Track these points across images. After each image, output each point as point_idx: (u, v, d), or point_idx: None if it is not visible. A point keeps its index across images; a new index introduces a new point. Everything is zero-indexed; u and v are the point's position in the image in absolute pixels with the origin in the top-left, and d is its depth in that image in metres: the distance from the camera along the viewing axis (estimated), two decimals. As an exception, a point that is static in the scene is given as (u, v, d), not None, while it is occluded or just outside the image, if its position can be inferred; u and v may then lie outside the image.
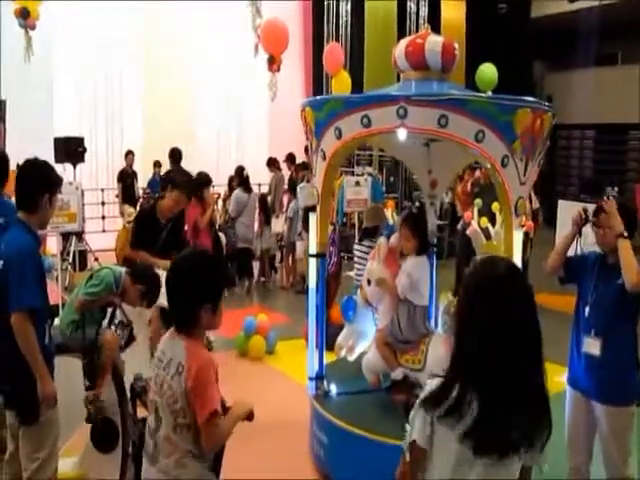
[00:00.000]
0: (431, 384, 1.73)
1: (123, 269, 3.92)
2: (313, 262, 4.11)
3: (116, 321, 3.90)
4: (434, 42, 3.81)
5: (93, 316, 3.79)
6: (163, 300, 4.37)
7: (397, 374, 3.86)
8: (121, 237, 5.70)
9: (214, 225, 6.80)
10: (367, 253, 5.10)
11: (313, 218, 4.10)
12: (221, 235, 7.57)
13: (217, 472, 2.26)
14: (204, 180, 6.13)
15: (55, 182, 3.03)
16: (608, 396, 3.02)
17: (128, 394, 3.24)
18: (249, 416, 2.26)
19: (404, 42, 3.96)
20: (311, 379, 4.18)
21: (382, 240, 4.20)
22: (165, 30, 11.87)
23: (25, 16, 7.49)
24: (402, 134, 3.58)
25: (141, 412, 2.93)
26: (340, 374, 4.33)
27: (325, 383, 4.17)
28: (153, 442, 2.17)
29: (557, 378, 5.35)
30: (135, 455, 2.89)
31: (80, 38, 11.04)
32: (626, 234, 2.94)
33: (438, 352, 3.63)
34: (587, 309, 3.09)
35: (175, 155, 8.22)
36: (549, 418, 1.66)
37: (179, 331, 2.19)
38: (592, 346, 3.03)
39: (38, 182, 2.94)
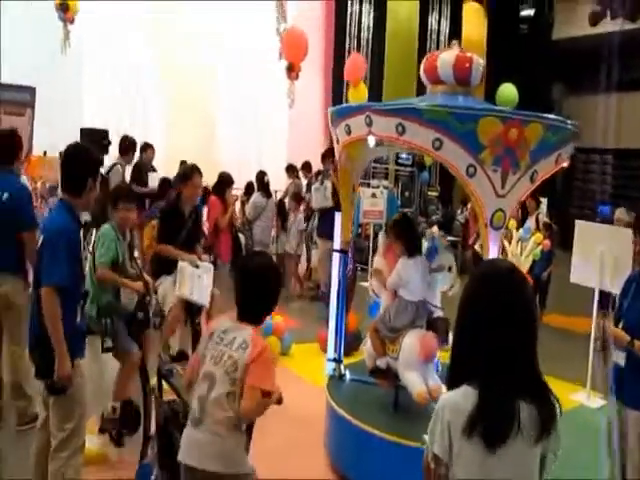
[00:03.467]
0: (451, 399, 1.74)
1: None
2: (336, 257, 4.50)
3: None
4: (447, 56, 3.89)
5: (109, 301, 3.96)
6: (185, 292, 4.54)
7: (381, 363, 4.09)
8: (147, 235, 5.84)
9: (234, 225, 6.90)
10: None
11: (338, 218, 4.47)
12: (240, 236, 7.67)
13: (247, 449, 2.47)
14: (227, 180, 6.26)
15: (98, 166, 3.19)
16: (632, 400, 3.22)
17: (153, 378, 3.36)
18: (279, 400, 2.40)
19: (427, 57, 4.12)
20: (329, 360, 4.49)
21: (381, 235, 4.38)
22: (188, 35, 11.97)
23: (65, 10, 7.74)
24: (371, 141, 3.79)
25: (166, 395, 3.06)
26: (358, 370, 4.53)
27: (342, 367, 4.46)
28: (200, 407, 2.37)
29: (570, 396, 5.50)
30: (160, 435, 3.01)
31: (110, 36, 11.22)
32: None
33: (411, 343, 3.83)
34: (621, 324, 3.30)
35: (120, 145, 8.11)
36: (553, 404, 1.73)
37: (243, 320, 2.46)
38: (619, 357, 3.25)
39: (84, 166, 3.09)
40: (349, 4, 14.44)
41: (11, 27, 9.70)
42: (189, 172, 5.02)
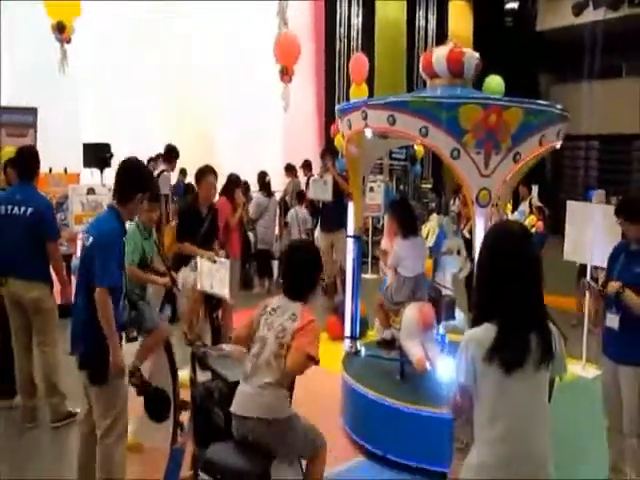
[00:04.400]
0: (473, 334, 2.12)
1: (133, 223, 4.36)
2: (350, 242, 4.91)
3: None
4: (441, 51, 4.25)
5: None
6: (205, 286, 4.79)
7: (387, 334, 4.55)
8: (168, 236, 6.12)
9: (244, 224, 7.15)
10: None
11: (350, 207, 4.84)
12: (250, 234, 7.93)
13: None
14: (234, 181, 6.51)
15: (150, 185, 3.48)
16: (626, 358, 3.49)
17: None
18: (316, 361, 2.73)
19: (424, 54, 4.47)
20: (347, 338, 4.92)
21: (386, 218, 4.82)
22: (185, 43, 12.17)
23: (61, 30, 7.87)
24: (369, 133, 4.18)
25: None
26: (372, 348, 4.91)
27: (357, 344, 4.90)
28: (253, 365, 2.77)
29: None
30: (195, 415, 3.27)
31: (104, 51, 11.43)
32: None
33: (411, 314, 4.24)
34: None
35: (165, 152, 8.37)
36: (551, 337, 2.10)
37: (292, 298, 2.84)
38: (613, 321, 3.53)
39: (135, 181, 3.33)
40: (338, 6, 14.71)
41: (9, 48, 9.94)
42: (203, 172, 5.30)
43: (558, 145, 4.15)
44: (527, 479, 2.05)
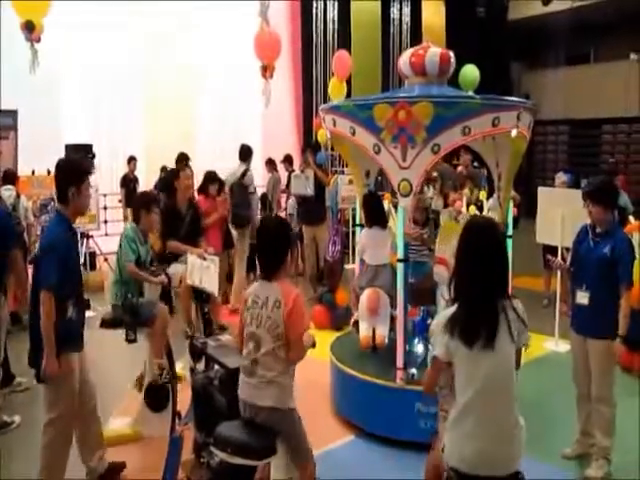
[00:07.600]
0: (445, 312, 2.44)
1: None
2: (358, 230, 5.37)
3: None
4: (406, 54, 4.53)
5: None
6: (195, 281, 5.00)
7: (356, 315, 4.92)
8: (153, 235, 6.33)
9: (226, 221, 7.28)
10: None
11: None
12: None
13: None
14: (207, 177, 6.64)
15: (78, 175, 3.38)
16: (595, 331, 3.78)
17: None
18: (313, 344, 2.93)
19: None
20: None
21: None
22: (165, 40, 12.17)
23: (30, 30, 7.61)
24: (328, 134, 4.67)
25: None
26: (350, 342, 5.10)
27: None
28: (252, 361, 2.88)
29: (541, 344, 6.13)
30: (196, 401, 3.49)
31: (83, 51, 11.44)
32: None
33: (362, 299, 4.68)
34: (580, 269, 3.88)
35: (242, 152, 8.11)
36: (512, 314, 2.36)
37: (269, 278, 2.90)
38: (583, 298, 3.81)
39: (66, 177, 3.36)
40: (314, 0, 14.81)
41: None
42: (177, 172, 5.56)
43: (514, 132, 4.03)
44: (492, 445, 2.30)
